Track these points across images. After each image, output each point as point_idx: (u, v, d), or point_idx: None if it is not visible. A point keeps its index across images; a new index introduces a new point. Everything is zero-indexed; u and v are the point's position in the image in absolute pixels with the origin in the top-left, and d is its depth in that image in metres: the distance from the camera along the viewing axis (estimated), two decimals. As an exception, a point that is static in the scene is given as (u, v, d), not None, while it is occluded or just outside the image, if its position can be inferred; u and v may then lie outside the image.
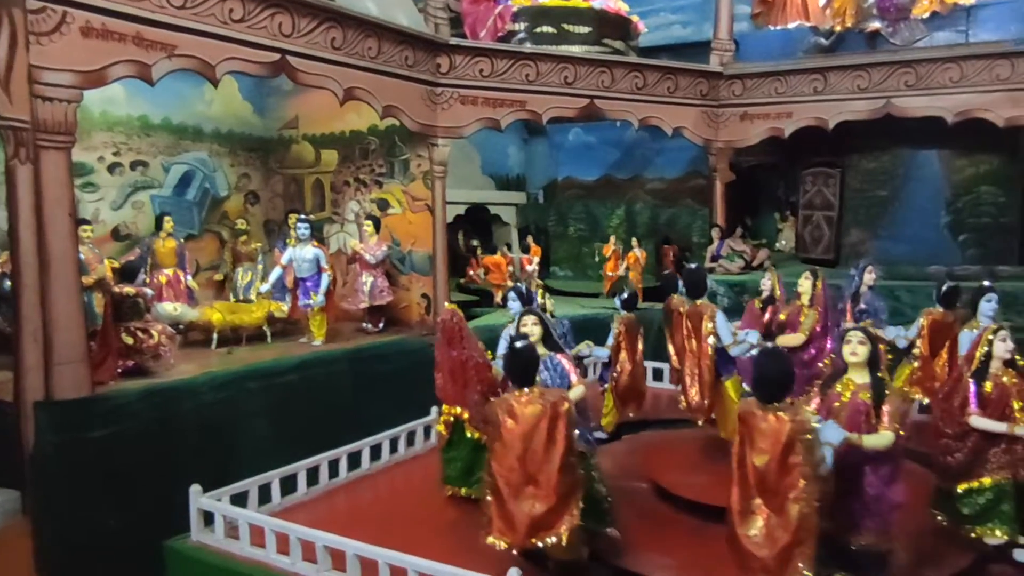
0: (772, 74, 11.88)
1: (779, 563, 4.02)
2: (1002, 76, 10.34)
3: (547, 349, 5.13)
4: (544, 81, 11.01)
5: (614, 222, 16.29)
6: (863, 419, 4.35)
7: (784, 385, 4.16)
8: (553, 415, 4.45)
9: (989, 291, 6.22)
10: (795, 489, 3.97)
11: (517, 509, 4.45)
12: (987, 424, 4.88)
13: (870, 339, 4.47)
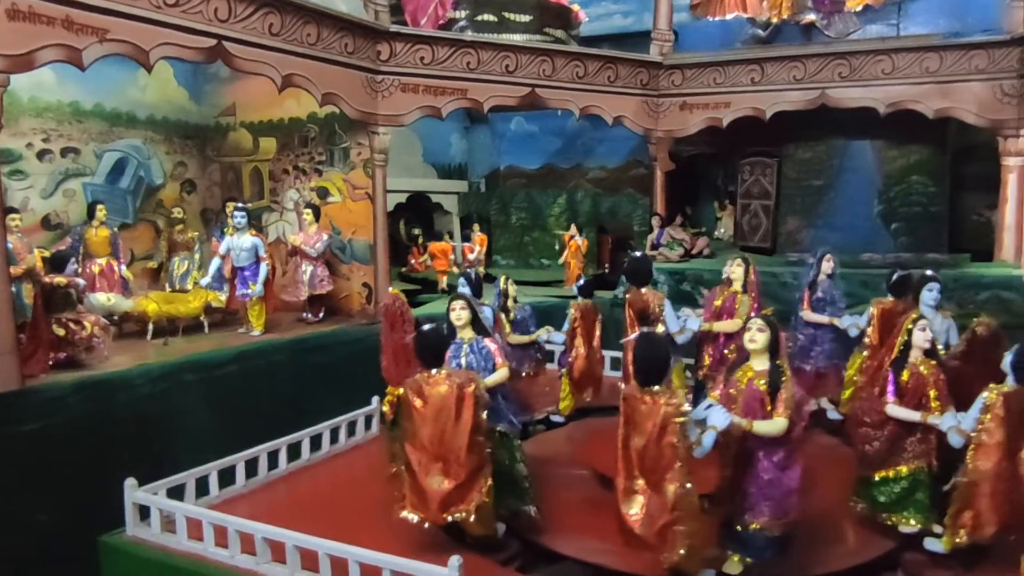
0: (711, 64, 12.04)
1: (658, 540, 4.17)
2: (931, 69, 10.67)
3: (475, 333, 5.30)
4: (485, 69, 10.98)
5: (556, 211, 16.38)
6: (758, 405, 4.44)
7: (660, 368, 4.28)
8: (460, 396, 4.65)
9: (931, 281, 6.25)
10: (670, 470, 4.10)
11: (428, 485, 4.68)
12: (902, 413, 4.97)
13: (770, 327, 4.56)
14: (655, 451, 4.16)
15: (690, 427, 4.13)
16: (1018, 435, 4.56)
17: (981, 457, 4.55)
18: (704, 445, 4.19)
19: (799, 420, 4.45)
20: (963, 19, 10.80)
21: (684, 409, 4.10)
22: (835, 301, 7.62)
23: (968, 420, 4.70)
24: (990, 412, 4.53)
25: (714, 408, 4.35)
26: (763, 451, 4.47)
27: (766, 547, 4.56)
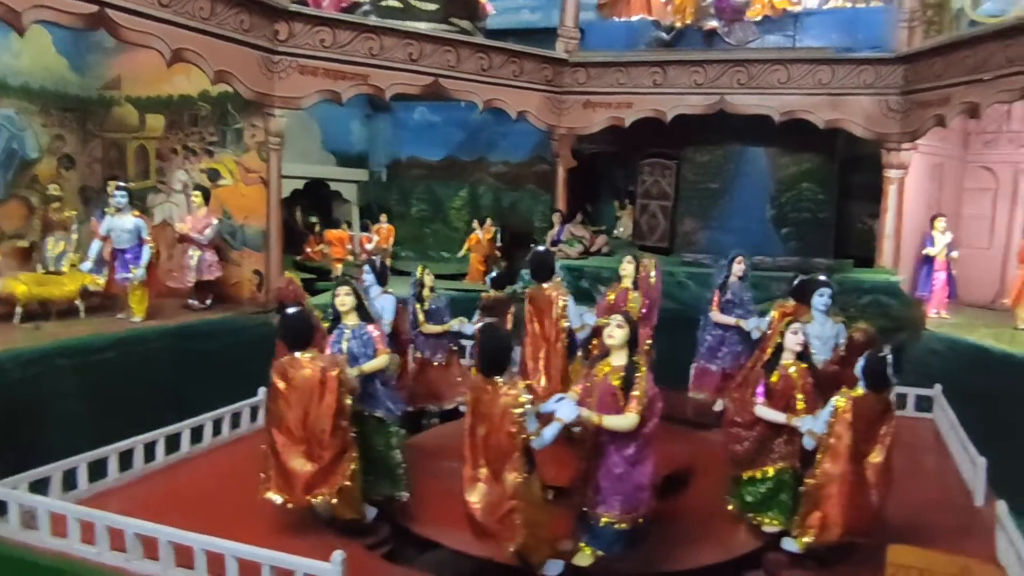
0: (615, 64, 12.12)
1: (499, 529, 4.23)
2: (824, 80, 11.05)
3: (359, 319, 5.38)
4: (388, 56, 10.73)
5: (457, 204, 16.27)
6: (611, 400, 4.52)
7: (501, 360, 4.33)
8: (323, 379, 4.74)
9: (823, 285, 6.34)
10: (509, 459, 4.18)
11: (292, 467, 4.77)
12: (769, 414, 5.09)
13: (629, 323, 4.63)
14: (496, 440, 4.22)
15: (529, 418, 4.17)
16: (866, 440, 4.71)
17: (829, 460, 4.69)
18: (544, 437, 4.24)
19: (651, 417, 4.53)
20: (854, 35, 11.20)
21: (522, 400, 4.14)
22: (744, 303, 7.77)
23: (819, 423, 4.83)
24: (839, 416, 4.67)
25: (564, 401, 4.40)
26: (614, 446, 4.55)
27: (615, 541, 4.64)
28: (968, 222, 12.38)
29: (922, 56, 10.50)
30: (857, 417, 4.63)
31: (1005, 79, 9.12)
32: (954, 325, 10.50)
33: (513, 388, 4.21)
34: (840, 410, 4.67)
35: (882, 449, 4.73)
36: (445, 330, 7.60)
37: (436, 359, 7.69)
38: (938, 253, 11.05)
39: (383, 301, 6.90)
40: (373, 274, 6.93)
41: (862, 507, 4.65)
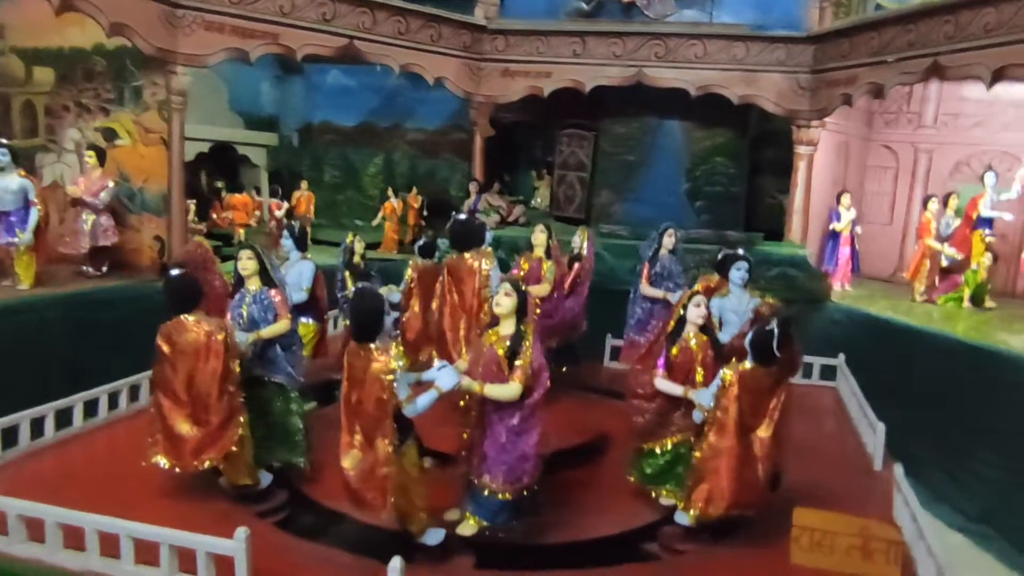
0: (534, 33, 11.98)
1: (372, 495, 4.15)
2: (738, 57, 11.19)
3: (262, 284, 5.32)
4: (300, 15, 10.29)
5: (372, 171, 15.92)
6: (496, 369, 4.45)
7: (373, 324, 4.22)
8: (208, 343, 4.68)
9: (740, 259, 6.29)
10: (381, 426, 4.12)
11: (179, 432, 4.72)
12: (668, 387, 5.05)
13: (517, 292, 4.56)
14: (368, 407, 4.15)
15: (401, 384, 4.09)
16: (755, 414, 4.65)
17: (716, 434, 4.64)
18: (417, 404, 4.15)
19: (536, 387, 4.47)
20: (768, 13, 11.35)
21: (392, 365, 4.06)
22: (673, 276, 7.70)
23: (706, 396, 4.81)
24: (726, 389, 4.62)
25: (446, 369, 4.31)
26: (498, 415, 4.50)
27: (500, 511, 4.58)
28: (870, 198, 12.84)
29: (831, 36, 10.74)
30: (744, 390, 4.58)
31: (908, 61, 9.40)
32: (856, 297, 10.89)
33: (384, 354, 4.11)
34: (727, 383, 4.61)
35: (770, 423, 4.65)
36: None
37: None
38: (843, 228, 11.40)
39: (302, 267, 6.80)
40: (292, 239, 6.83)
41: (748, 481, 4.60)
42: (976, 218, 10.54)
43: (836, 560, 4.39)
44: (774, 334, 4.54)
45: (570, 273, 7.43)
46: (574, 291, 7.43)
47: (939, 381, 8.54)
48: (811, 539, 4.45)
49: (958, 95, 11.96)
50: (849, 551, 4.39)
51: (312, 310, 6.94)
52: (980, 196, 10.57)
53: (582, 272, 7.45)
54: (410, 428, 4.29)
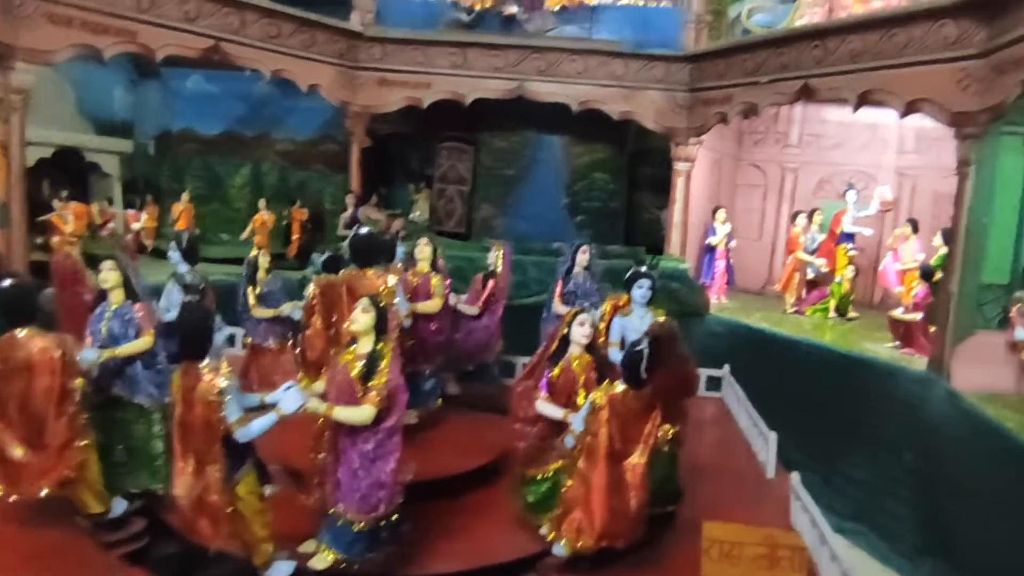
0: (413, 42, 11.74)
1: (204, 523, 3.93)
2: (618, 74, 11.37)
3: (125, 297, 5.03)
4: (161, 13, 9.62)
5: (238, 182, 15.11)
6: (349, 390, 4.23)
7: (200, 342, 4.01)
8: (42, 360, 4.30)
9: (642, 277, 6.05)
10: (211, 450, 3.90)
11: (12, 455, 4.36)
12: (547, 410, 4.83)
13: (376, 308, 4.35)
14: (198, 430, 3.91)
15: (231, 406, 3.86)
16: (626, 439, 4.45)
17: (586, 460, 4.44)
18: (251, 428, 3.91)
19: (392, 410, 4.24)
20: (646, 32, 11.65)
21: (220, 386, 3.85)
22: (587, 294, 7.45)
23: (577, 421, 4.58)
24: (596, 413, 4.41)
25: (292, 390, 4.06)
26: (351, 440, 4.24)
27: (355, 542, 4.31)
28: (741, 215, 13.32)
29: (707, 57, 11.10)
30: (615, 415, 4.38)
31: (780, 83, 9.81)
32: (733, 309, 11.23)
33: (212, 373, 3.87)
34: (596, 406, 4.41)
35: (644, 450, 4.45)
36: (276, 315, 7.12)
37: (268, 343, 7.19)
38: (719, 243, 11.75)
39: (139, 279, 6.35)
40: (179, 252, 6.47)
41: (619, 512, 4.39)
42: (839, 233, 11.11)
43: (744, 570, 4.40)
44: (643, 355, 4.39)
45: (484, 291, 7.24)
46: (488, 309, 7.26)
47: (811, 388, 8.92)
48: (720, 551, 4.42)
49: (820, 117, 12.63)
50: (756, 560, 4.41)
51: None
52: (842, 212, 11.15)
53: (497, 290, 7.28)
54: (247, 453, 4.03)
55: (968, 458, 7.10)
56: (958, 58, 7.81)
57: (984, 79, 7.59)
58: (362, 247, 6.03)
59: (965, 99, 7.76)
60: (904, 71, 8.33)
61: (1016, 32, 7.00)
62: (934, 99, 8.05)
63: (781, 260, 12.52)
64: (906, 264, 10.42)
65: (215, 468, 3.84)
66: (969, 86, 7.75)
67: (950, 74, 7.88)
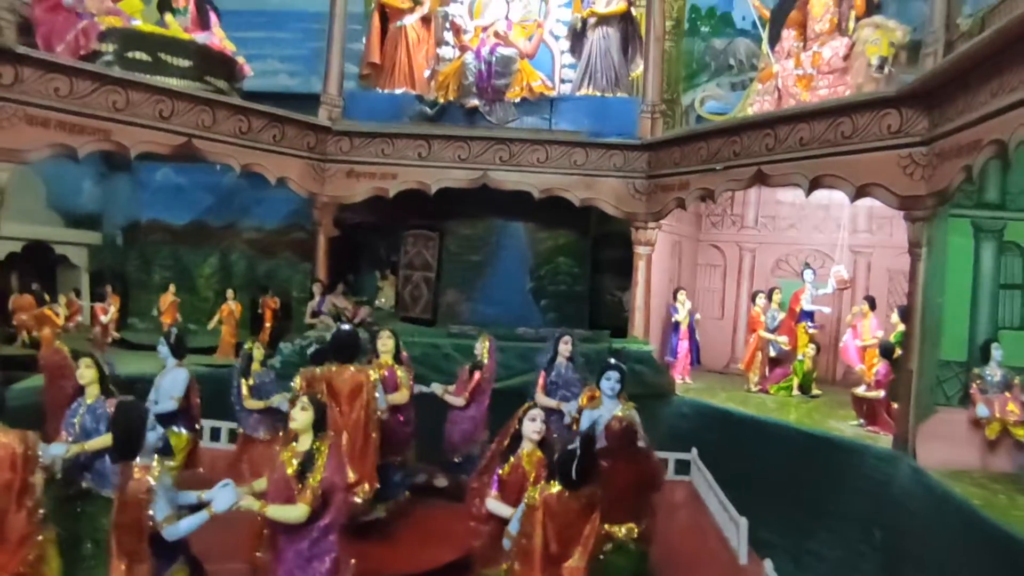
0: (380, 135, 12.04)
1: None
2: (578, 162, 11.75)
3: (100, 392, 5.19)
4: (135, 112, 9.86)
5: (206, 271, 15.18)
6: (284, 488, 4.23)
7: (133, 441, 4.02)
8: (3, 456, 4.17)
9: (609, 369, 5.96)
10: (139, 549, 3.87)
11: None
12: (497, 508, 4.71)
13: (313, 405, 4.38)
14: (129, 528, 3.91)
15: (159, 504, 3.87)
16: (563, 541, 4.22)
17: (520, 563, 4.23)
18: (180, 527, 3.91)
19: (328, 508, 4.23)
20: (604, 122, 12.01)
21: (148, 485, 3.87)
22: (569, 385, 7.29)
23: (513, 522, 4.45)
24: (530, 514, 4.23)
25: (226, 488, 4.04)
26: (287, 537, 4.24)
27: None
28: (702, 295, 13.62)
29: (663, 145, 11.51)
30: (550, 515, 4.16)
31: (734, 169, 10.19)
32: (698, 390, 11.38)
33: (143, 471, 3.90)
34: (530, 507, 4.22)
35: (584, 553, 4.22)
36: (266, 407, 7.19)
37: (258, 435, 7.22)
38: (682, 322, 11.96)
39: (175, 375, 6.65)
40: (168, 346, 6.68)
41: None
42: (799, 311, 11.41)
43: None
44: (575, 455, 4.21)
45: (471, 382, 7.28)
46: (474, 400, 7.28)
47: (779, 467, 8.97)
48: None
49: (775, 199, 13.08)
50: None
51: (184, 419, 6.72)
52: (801, 291, 11.47)
53: (483, 381, 7.31)
54: (178, 551, 4.01)
55: (936, 534, 7.19)
56: (903, 145, 8.19)
57: (929, 165, 7.96)
58: (345, 343, 6.11)
59: (912, 184, 8.11)
60: (852, 157, 8.69)
61: (955, 122, 7.39)
62: (882, 184, 8.37)
63: (743, 338, 12.77)
64: (866, 341, 10.68)
65: (143, 568, 3.84)
66: (915, 172, 8.12)
67: (896, 160, 8.25)
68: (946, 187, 7.64)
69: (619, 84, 12.65)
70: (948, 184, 7.58)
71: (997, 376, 8.13)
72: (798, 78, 10.17)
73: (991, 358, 8.22)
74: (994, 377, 8.12)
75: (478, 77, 12.10)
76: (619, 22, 12.76)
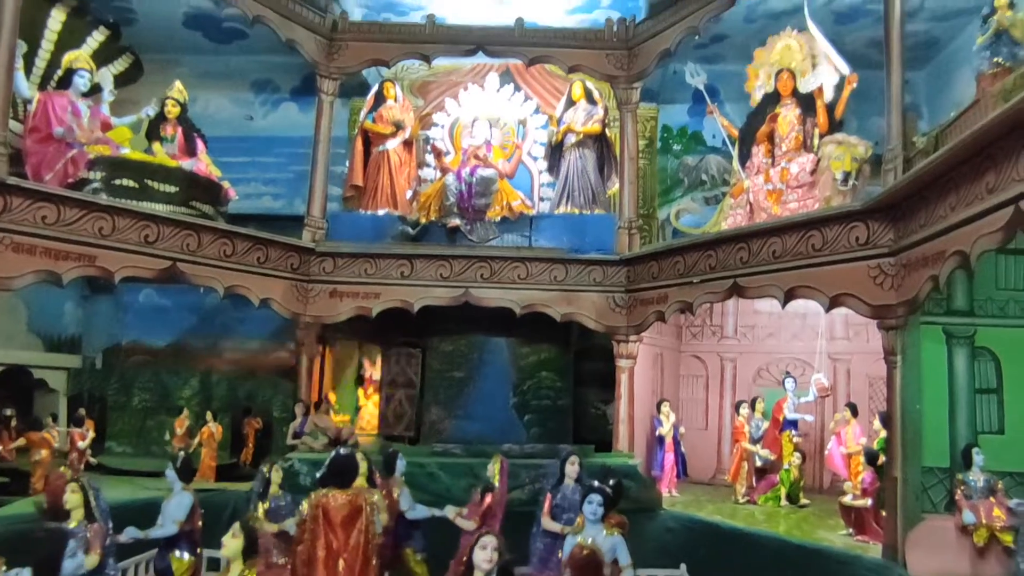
0: (363, 255, 12.22)
1: None
2: (559, 278, 11.96)
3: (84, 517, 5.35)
4: (121, 237, 10.01)
5: (187, 393, 15.05)
6: None
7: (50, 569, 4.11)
8: None
9: (593, 492, 5.97)
10: None
11: None
12: None
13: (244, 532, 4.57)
14: None
15: None
16: None
17: None
18: None
19: None
20: (583, 238, 12.30)
21: None
22: (574, 508, 7.05)
23: None
24: None
25: None
26: None
27: None
28: (685, 405, 13.64)
29: (641, 260, 11.77)
30: None
31: (711, 282, 10.41)
32: (685, 503, 11.24)
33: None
34: None
35: None
36: (280, 530, 7.14)
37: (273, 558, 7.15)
38: (667, 433, 11.93)
39: (180, 498, 6.81)
40: (174, 471, 6.91)
41: None
42: (782, 420, 11.43)
43: None
44: None
45: (482, 504, 7.18)
46: (485, 523, 7.12)
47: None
48: None
49: (752, 309, 13.31)
50: None
51: (187, 543, 6.80)
52: (783, 400, 11.53)
53: (494, 504, 7.22)
54: None
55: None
56: (871, 256, 8.45)
57: (897, 275, 8.19)
58: (342, 467, 6.09)
59: (883, 294, 8.32)
60: (824, 269, 8.92)
61: (919, 234, 7.66)
62: (854, 294, 8.58)
63: (728, 448, 12.72)
64: (850, 448, 10.67)
65: None
66: (884, 281, 8.34)
67: (866, 271, 8.49)
68: (915, 296, 7.83)
69: (596, 201, 13.02)
70: (917, 293, 7.77)
71: (980, 481, 8.13)
72: (768, 193, 10.56)
73: (973, 463, 8.23)
74: (977, 482, 8.12)
75: (459, 197, 12.44)
76: (594, 142, 13.25)
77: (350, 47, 13.03)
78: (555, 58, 12.85)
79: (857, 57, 11.15)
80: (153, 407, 14.86)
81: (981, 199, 6.44)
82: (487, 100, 14.24)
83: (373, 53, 13.07)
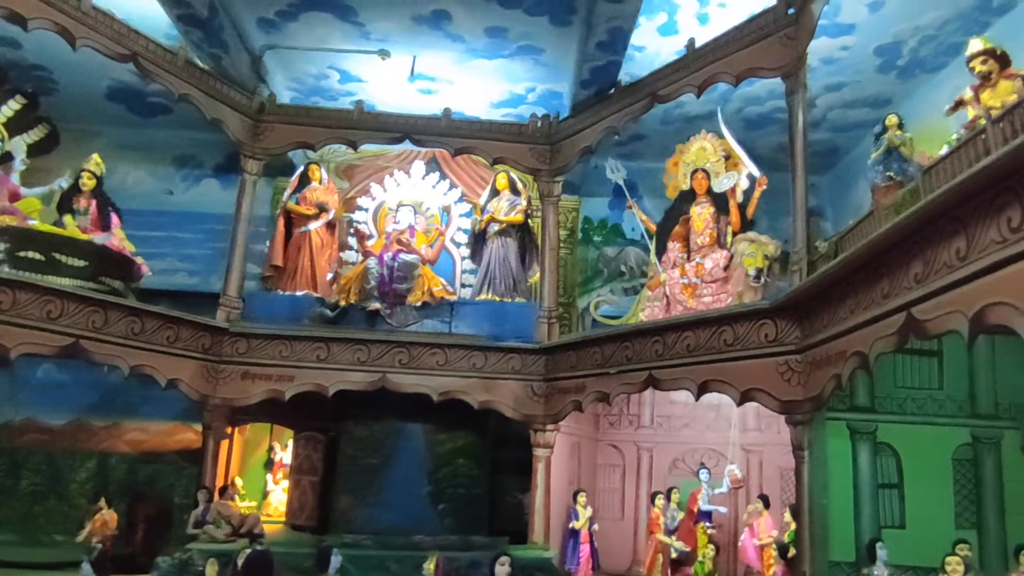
0: (278, 337, 11.96)
1: None
2: (478, 365, 11.91)
3: None
4: (21, 313, 9.59)
5: (82, 476, 14.17)
6: None
7: None
8: None
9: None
10: None
11: None
12: None
13: None
14: None
15: None
16: None
17: None
18: None
19: None
20: (503, 326, 12.30)
21: None
22: None
23: None
24: None
25: None
26: None
27: None
28: (602, 495, 13.59)
29: (559, 349, 11.88)
30: None
31: (628, 374, 10.55)
32: (600, 598, 11.08)
33: None
34: None
35: None
36: None
37: None
38: (582, 526, 11.83)
39: None
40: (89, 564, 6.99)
41: None
42: (697, 512, 11.50)
43: None
44: None
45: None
46: None
47: None
48: None
49: (668, 399, 13.50)
50: None
51: None
52: (698, 491, 11.63)
53: None
54: None
55: None
56: (780, 353, 8.74)
57: (803, 372, 8.49)
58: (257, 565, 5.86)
59: (790, 389, 8.58)
60: (735, 364, 9.17)
61: (822, 334, 8.00)
62: (764, 389, 8.82)
63: (644, 539, 12.68)
64: (763, 540, 10.80)
65: None
66: (792, 378, 8.62)
67: (774, 367, 8.77)
68: (820, 393, 8.12)
69: (517, 289, 13.14)
70: (822, 390, 8.06)
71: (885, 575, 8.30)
72: (684, 286, 10.89)
73: (877, 558, 8.40)
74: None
75: (380, 281, 12.39)
76: (517, 231, 13.45)
77: (276, 129, 13.06)
78: (480, 149, 13.13)
79: (768, 160, 11.78)
80: (43, 491, 13.91)
81: (877, 304, 6.78)
82: (412, 186, 14.35)
83: (300, 136, 13.13)
